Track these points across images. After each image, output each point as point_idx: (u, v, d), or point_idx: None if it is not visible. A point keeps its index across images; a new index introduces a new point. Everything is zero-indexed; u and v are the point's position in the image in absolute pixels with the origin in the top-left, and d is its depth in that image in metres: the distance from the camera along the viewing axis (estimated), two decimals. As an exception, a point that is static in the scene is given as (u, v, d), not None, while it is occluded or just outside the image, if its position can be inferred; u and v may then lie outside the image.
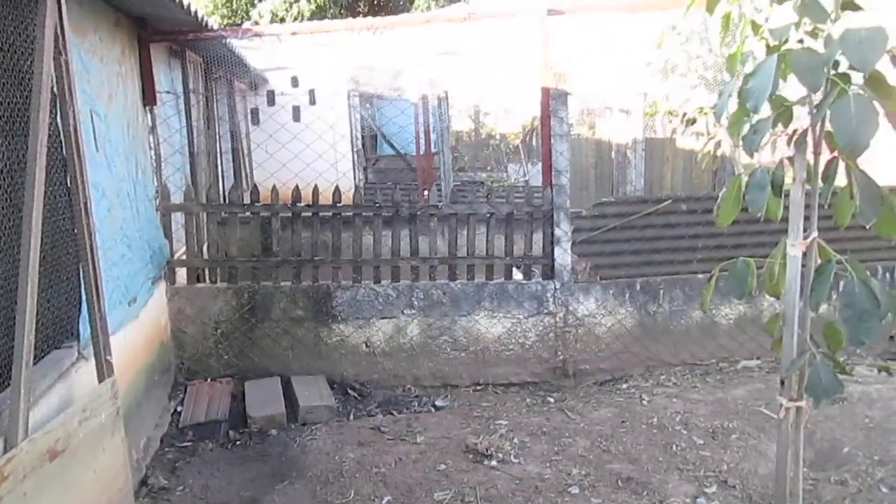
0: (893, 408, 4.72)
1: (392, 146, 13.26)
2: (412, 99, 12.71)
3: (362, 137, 13.43)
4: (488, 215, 5.82)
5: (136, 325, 4.55)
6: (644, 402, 5.28)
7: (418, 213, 5.72)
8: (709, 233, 6.09)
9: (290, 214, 5.61)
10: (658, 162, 9.54)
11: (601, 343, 6.01)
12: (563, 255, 5.83)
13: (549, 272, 5.89)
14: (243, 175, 10.97)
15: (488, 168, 12.29)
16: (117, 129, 4.43)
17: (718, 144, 6.63)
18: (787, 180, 2.67)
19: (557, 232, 5.79)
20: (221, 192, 8.21)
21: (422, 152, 10.99)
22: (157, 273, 5.20)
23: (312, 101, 13.24)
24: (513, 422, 4.97)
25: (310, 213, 5.63)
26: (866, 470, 3.99)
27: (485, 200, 5.79)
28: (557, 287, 5.86)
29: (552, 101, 5.71)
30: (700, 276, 6.08)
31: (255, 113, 12.95)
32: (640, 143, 9.31)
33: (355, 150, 12.43)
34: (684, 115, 7.16)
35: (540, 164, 13.55)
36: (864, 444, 4.29)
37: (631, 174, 9.35)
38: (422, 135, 10.28)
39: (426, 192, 10.51)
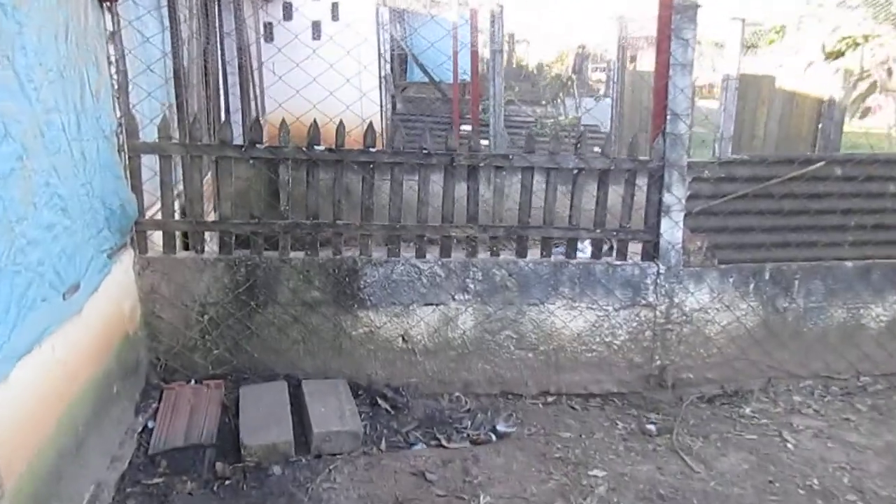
0: None
1: (425, 71, 11.54)
2: (450, 17, 10.95)
3: (391, 61, 11.73)
4: (576, 171, 4.26)
5: (78, 326, 3.10)
6: (788, 444, 3.83)
7: (481, 164, 4.16)
8: (868, 207, 4.54)
9: (305, 160, 4.07)
10: (752, 104, 7.86)
11: (711, 346, 4.53)
12: (673, 230, 4.30)
13: (652, 251, 4.37)
14: (253, 103, 9.38)
15: (542, 102, 10.62)
16: (42, 32, 2.87)
17: (874, 86, 5.03)
18: None
19: (668, 198, 4.24)
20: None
21: (463, 79, 9.33)
22: (118, 240, 3.72)
23: (335, 17, 11.53)
24: (612, 472, 3.53)
25: (332, 160, 4.09)
26: None
27: (573, 149, 4.22)
28: (661, 271, 4.36)
29: (676, 15, 4.07)
30: (849, 263, 4.55)
31: (268, 28, 11.29)
32: (732, 80, 7.61)
33: (383, 74, 10.74)
34: (825, 47, 5.47)
35: (597, 99, 11.88)
36: None
37: (719, 118, 7.68)
38: (464, 58, 8.58)
39: (463, 128, 8.91)
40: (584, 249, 4.49)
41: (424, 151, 4.08)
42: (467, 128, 11.21)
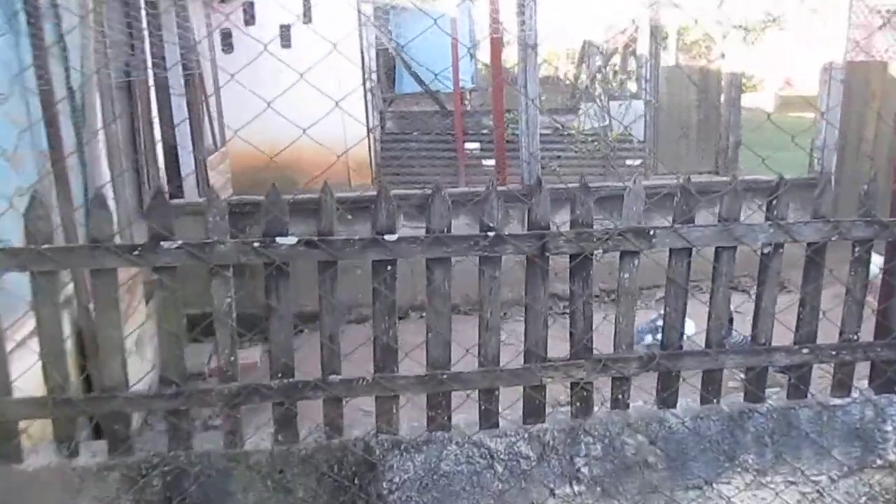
0: None
1: (419, 80, 9.61)
2: (446, 9, 9.07)
3: (377, 69, 9.82)
4: (767, 249, 2.32)
5: None
6: None
7: (601, 249, 2.21)
8: None
9: (264, 260, 2.09)
10: (858, 100, 5.98)
11: None
12: (933, 339, 2.38)
13: (896, 378, 2.45)
14: (210, 134, 7.40)
15: (578, 111, 8.73)
16: None
17: None
18: None
19: (926, 285, 2.32)
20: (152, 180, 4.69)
21: (463, 87, 7.40)
22: None
23: (307, 18, 9.56)
24: None
25: (314, 261, 2.12)
26: None
27: (758, 207, 2.28)
28: (911, 411, 2.44)
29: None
30: None
31: (227, 37, 9.34)
32: (836, 69, 5.73)
33: (369, 87, 8.83)
34: None
35: (625, 102, 9.96)
36: None
37: (820, 119, 5.80)
38: (479, 59, 6.63)
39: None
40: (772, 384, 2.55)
41: (490, 234, 2.12)
42: (473, 146, 9.29)
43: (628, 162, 9.03)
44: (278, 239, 2.04)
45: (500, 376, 2.23)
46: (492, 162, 7.84)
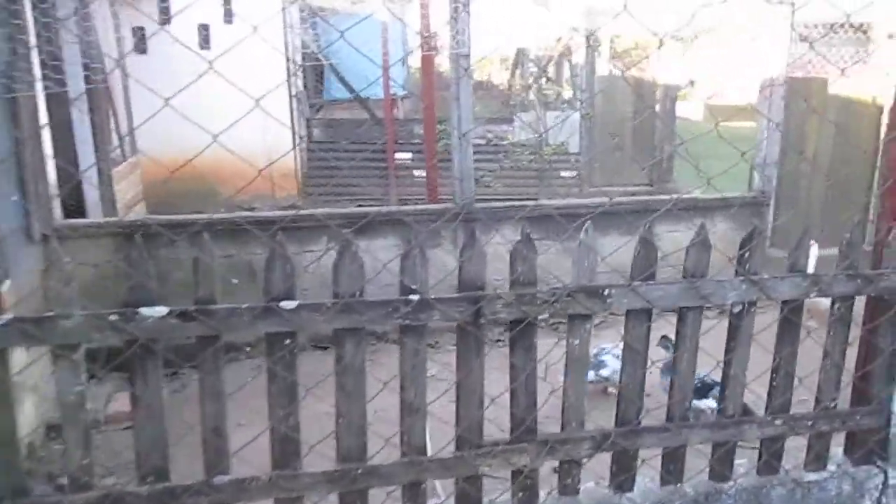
0: None
1: (348, 86, 9.15)
2: (379, 15, 8.63)
3: (304, 74, 9.34)
4: (739, 308, 1.99)
5: None
6: None
7: (545, 315, 1.84)
8: None
9: (125, 337, 1.64)
10: (798, 116, 5.85)
11: None
12: (917, 403, 2.11)
13: (878, 448, 2.17)
14: (117, 143, 6.81)
15: (513, 119, 8.42)
16: None
17: None
18: None
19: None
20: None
21: (400, 93, 6.99)
22: None
23: (228, 18, 9.01)
24: None
25: (200, 331, 1.68)
26: None
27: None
28: (891, 482, 2.17)
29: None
30: None
31: (139, 35, 8.70)
32: (777, 85, 5.57)
33: (294, 93, 8.34)
34: None
35: (561, 115, 9.72)
36: None
37: (762, 134, 5.65)
38: (407, 66, 6.21)
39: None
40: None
41: (413, 298, 1.73)
42: (405, 156, 8.88)
43: (563, 174, 8.80)
44: (142, 310, 1.60)
45: (427, 468, 1.83)
46: (424, 173, 7.48)
